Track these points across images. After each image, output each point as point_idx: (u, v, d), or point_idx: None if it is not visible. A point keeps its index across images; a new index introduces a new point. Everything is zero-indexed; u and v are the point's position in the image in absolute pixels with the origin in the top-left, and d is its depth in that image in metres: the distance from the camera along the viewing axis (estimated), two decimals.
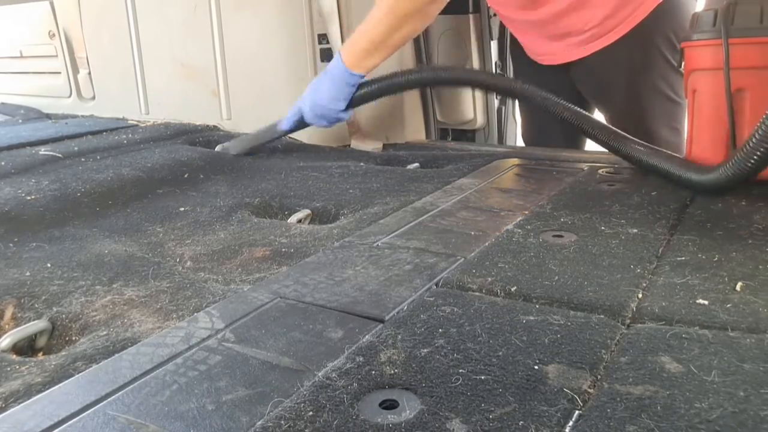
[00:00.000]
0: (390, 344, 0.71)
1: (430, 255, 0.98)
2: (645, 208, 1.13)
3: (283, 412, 0.59)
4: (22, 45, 2.70)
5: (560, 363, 0.65)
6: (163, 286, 0.96)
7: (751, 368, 0.62)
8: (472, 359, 0.67)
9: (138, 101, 2.32)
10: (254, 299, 0.86)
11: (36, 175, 1.53)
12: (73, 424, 0.61)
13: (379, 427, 0.57)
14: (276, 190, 1.46)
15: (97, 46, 2.41)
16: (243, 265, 1.03)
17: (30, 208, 1.31)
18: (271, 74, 2.04)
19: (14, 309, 0.92)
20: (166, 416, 0.61)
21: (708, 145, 1.28)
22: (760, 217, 1.05)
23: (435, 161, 1.76)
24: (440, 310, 0.79)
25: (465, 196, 1.30)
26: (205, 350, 0.73)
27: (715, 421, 0.55)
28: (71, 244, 1.16)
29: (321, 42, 1.98)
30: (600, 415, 0.57)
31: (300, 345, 0.73)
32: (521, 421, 0.56)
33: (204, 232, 1.20)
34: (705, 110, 1.28)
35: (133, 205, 1.38)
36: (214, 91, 2.14)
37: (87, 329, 0.85)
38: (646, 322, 0.74)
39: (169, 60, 2.21)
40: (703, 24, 1.25)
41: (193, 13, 2.09)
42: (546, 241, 1.00)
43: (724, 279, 0.83)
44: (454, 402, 0.60)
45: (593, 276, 0.86)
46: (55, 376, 0.72)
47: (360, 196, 1.37)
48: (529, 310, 0.78)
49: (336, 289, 0.87)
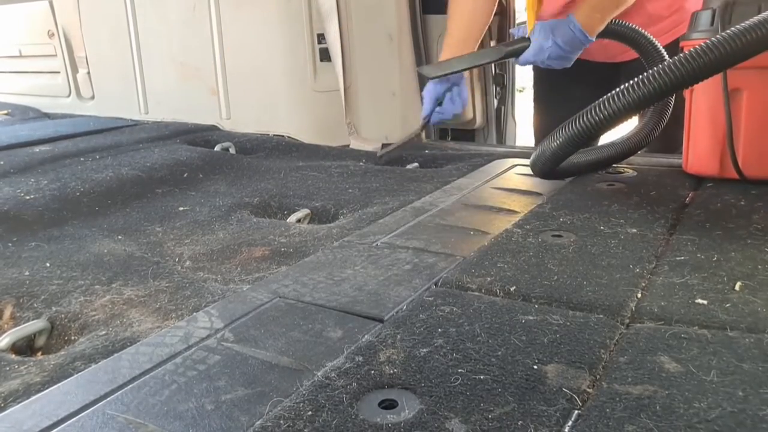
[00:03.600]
0: (389, 344, 0.71)
1: (429, 255, 0.98)
2: (644, 208, 1.13)
3: (283, 412, 0.59)
4: (21, 44, 2.70)
5: (559, 363, 0.65)
6: (162, 285, 0.95)
7: (750, 368, 0.62)
8: (471, 359, 0.67)
9: (137, 101, 2.32)
10: (253, 299, 0.86)
11: (35, 175, 1.53)
12: (72, 423, 0.61)
13: (378, 427, 0.57)
14: (275, 189, 1.46)
15: (96, 46, 2.41)
16: (242, 264, 1.03)
17: (29, 208, 1.30)
18: (270, 73, 2.04)
19: (13, 308, 0.92)
20: (165, 416, 0.61)
21: (705, 143, 1.28)
22: (759, 217, 1.05)
23: (434, 161, 1.76)
24: (439, 309, 0.79)
25: (464, 195, 1.30)
26: (204, 350, 0.73)
27: (714, 421, 0.55)
28: (70, 243, 1.16)
29: (320, 41, 1.98)
30: (599, 414, 0.57)
31: (299, 345, 0.73)
32: (520, 420, 0.56)
33: (203, 232, 1.20)
34: (702, 109, 1.28)
35: (132, 205, 1.38)
36: (213, 90, 2.14)
37: (86, 329, 0.85)
38: (645, 322, 0.74)
39: (169, 59, 2.21)
40: (701, 23, 1.25)
41: (192, 13, 2.09)
42: (545, 241, 1.00)
43: (723, 279, 0.83)
44: (454, 402, 0.60)
45: (592, 276, 0.86)
46: (54, 376, 0.72)
47: (359, 196, 1.37)
48: (528, 309, 0.78)
49: (335, 289, 0.87)
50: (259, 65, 2.05)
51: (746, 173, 1.23)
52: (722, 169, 1.26)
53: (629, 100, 1.05)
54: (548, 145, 1.20)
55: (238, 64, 2.08)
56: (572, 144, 1.16)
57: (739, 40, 0.98)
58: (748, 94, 1.20)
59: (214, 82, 2.12)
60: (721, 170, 1.26)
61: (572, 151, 1.19)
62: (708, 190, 1.22)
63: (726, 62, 1.00)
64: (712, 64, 1.00)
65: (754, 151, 1.22)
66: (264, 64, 2.04)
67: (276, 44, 2.01)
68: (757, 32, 0.98)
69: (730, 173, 1.24)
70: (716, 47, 0.99)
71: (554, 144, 1.18)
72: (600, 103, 1.09)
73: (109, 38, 2.34)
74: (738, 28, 0.99)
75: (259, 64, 2.05)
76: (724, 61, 0.99)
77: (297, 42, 1.97)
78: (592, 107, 1.10)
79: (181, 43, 2.16)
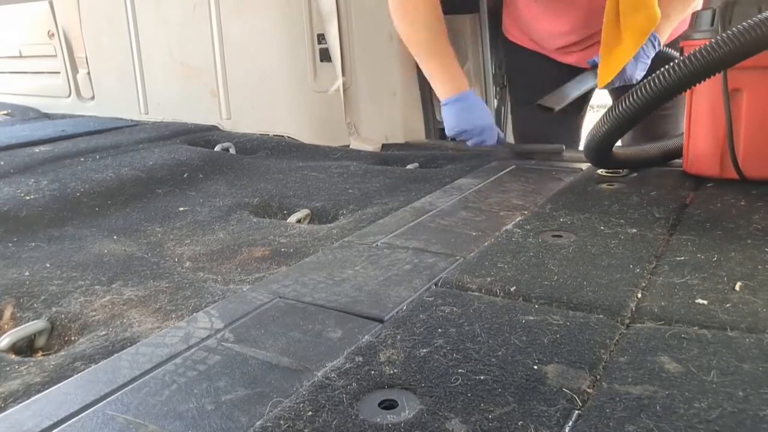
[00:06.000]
0: (389, 344, 0.71)
1: (429, 255, 0.98)
2: (644, 208, 1.13)
3: (283, 412, 0.59)
4: (21, 45, 2.70)
5: (559, 363, 0.65)
6: (163, 286, 0.96)
7: (751, 368, 0.62)
8: (471, 359, 0.67)
9: (137, 101, 2.33)
10: (253, 299, 0.86)
11: (35, 175, 1.53)
12: (72, 424, 0.61)
13: (378, 427, 0.57)
14: (275, 190, 1.46)
15: (96, 46, 2.41)
16: (242, 264, 1.03)
17: (29, 208, 1.30)
18: (270, 74, 2.04)
19: (13, 309, 0.92)
20: (166, 416, 0.61)
21: (705, 143, 1.28)
22: (759, 217, 1.05)
23: (434, 161, 1.76)
24: (439, 310, 0.79)
25: (464, 196, 1.30)
26: (204, 350, 0.73)
27: (714, 421, 0.55)
28: (70, 243, 1.16)
29: (320, 42, 1.98)
30: (599, 415, 0.57)
31: (299, 345, 0.73)
32: (520, 421, 0.56)
33: (203, 232, 1.20)
34: (702, 109, 1.28)
35: (132, 205, 1.38)
36: (213, 90, 2.14)
37: (86, 329, 0.85)
38: (645, 322, 0.74)
39: (169, 60, 2.21)
40: (701, 23, 1.25)
41: (192, 13, 2.09)
42: (545, 241, 1.00)
43: (723, 279, 0.83)
44: (454, 402, 0.60)
45: (592, 276, 0.86)
46: (54, 376, 0.72)
47: (359, 196, 1.37)
48: (528, 310, 0.78)
49: (335, 289, 0.87)
50: (260, 65, 2.05)
51: (746, 173, 1.23)
52: (722, 169, 1.26)
53: (679, 76, 1.06)
54: (598, 129, 1.22)
55: (239, 65, 2.08)
56: (623, 123, 1.18)
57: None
58: (749, 94, 1.20)
59: (214, 82, 2.12)
60: (721, 170, 1.26)
61: (623, 130, 1.21)
62: (708, 191, 1.22)
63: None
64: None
65: (754, 151, 1.22)
66: (264, 64, 2.04)
67: (276, 44, 2.01)
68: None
69: (730, 173, 1.24)
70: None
71: (604, 127, 1.20)
72: (645, 83, 1.11)
73: (109, 38, 2.34)
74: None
75: (259, 64, 2.05)
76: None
77: (297, 42, 1.97)
78: (637, 88, 1.12)
79: (182, 43, 2.17)
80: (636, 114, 1.14)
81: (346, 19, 1.95)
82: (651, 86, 1.10)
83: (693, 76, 1.05)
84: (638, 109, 1.13)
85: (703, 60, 1.03)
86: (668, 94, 1.09)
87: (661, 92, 1.09)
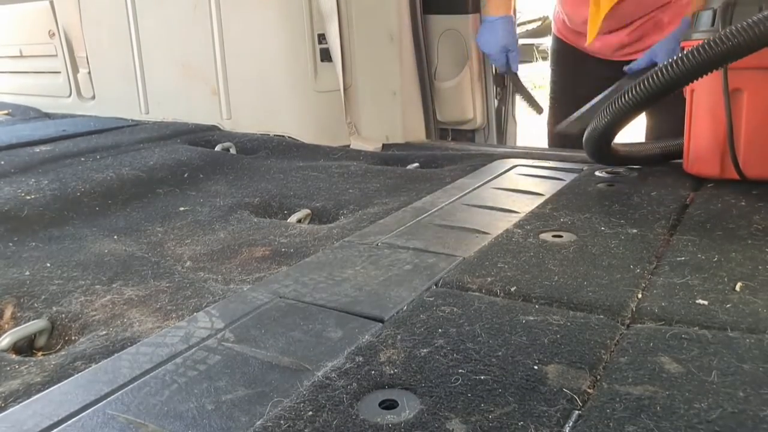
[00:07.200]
0: (389, 344, 0.71)
1: (429, 255, 0.98)
2: (645, 208, 1.13)
3: (283, 412, 0.59)
4: (21, 44, 2.70)
5: (560, 363, 0.65)
6: (163, 285, 0.96)
7: (751, 368, 0.62)
8: (471, 359, 0.67)
9: (138, 101, 2.32)
10: (254, 299, 0.86)
11: (35, 175, 1.53)
12: (72, 423, 0.61)
13: (378, 427, 0.57)
14: (276, 189, 1.46)
15: (96, 46, 2.41)
16: (242, 264, 1.03)
17: (29, 208, 1.30)
18: (271, 74, 2.04)
19: (14, 308, 0.92)
20: (166, 416, 0.61)
21: (705, 143, 1.28)
22: (760, 218, 1.05)
23: (435, 161, 1.76)
24: (440, 310, 0.79)
25: (465, 196, 1.30)
26: (204, 350, 0.73)
27: (715, 422, 0.55)
28: (71, 243, 1.16)
29: (321, 42, 1.98)
30: (599, 415, 0.57)
31: (299, 345, 0.73)
32: (521, 421, 0.56)
33: (204, 232, 1.20)
34: (703, 109, 1.28)
35: (132, 205, 1.38)
36: (214, 90, 2.14)
37: (86, 329, 0.85)
38: (645, 323, 0.74)
39: (169, 59, 2.21)
40: (702, 23, 1.25)
41: (192, 13, 2.09)
42: (545, 241, 1.00)
43: (724, 279, 0.83)
44: (454, 402, 0.60)
45: (593, 276, 0.86)
46: (54, 376, 0.72)
47: (360, 196, 1.37)
48: (528, 310, 0.78)
49: (336, 289, 0.87)
50: (260, 65, 2.05)
51: (747, 173, 1.23)
52: (723, 169, 1.26)
53: (680, 71, 1.07)
54: (599, 122, 1.23)
55: (239, 64, 2.08)
56: (618, 115, 1.18)
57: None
58: (749, 94, 1.20)
59: (214, 82, 2.12)
60: (721, 170, 1.26)
61: (623, 123, 1.22)
62: (708, 191, 1.22)
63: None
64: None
65: (754, 151, 1.22)
66: (265, 64, 2.04)
67: (277, 44, 2.01)
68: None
69: (730, 173, 1.24)
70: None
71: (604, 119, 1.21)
72: (644, 78, 1.12)
73: (109, 38, 2.34)
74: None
75: (259, 64, 2.05)
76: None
77: (298, 42, 1.97)
78: (638, 82, 1.13)
79: (182, 43, 2.16)
80: (637, 107, 1.15)
81: (347, 19, 1.95)
82: (652, 80, 1.10)
83: (693, 71, 1.06)
84: (639, 102, 1.13)
85: (704, 56, 1.04)
86: (668, 88, 1.10)
87: (661, 86, 1.09)
